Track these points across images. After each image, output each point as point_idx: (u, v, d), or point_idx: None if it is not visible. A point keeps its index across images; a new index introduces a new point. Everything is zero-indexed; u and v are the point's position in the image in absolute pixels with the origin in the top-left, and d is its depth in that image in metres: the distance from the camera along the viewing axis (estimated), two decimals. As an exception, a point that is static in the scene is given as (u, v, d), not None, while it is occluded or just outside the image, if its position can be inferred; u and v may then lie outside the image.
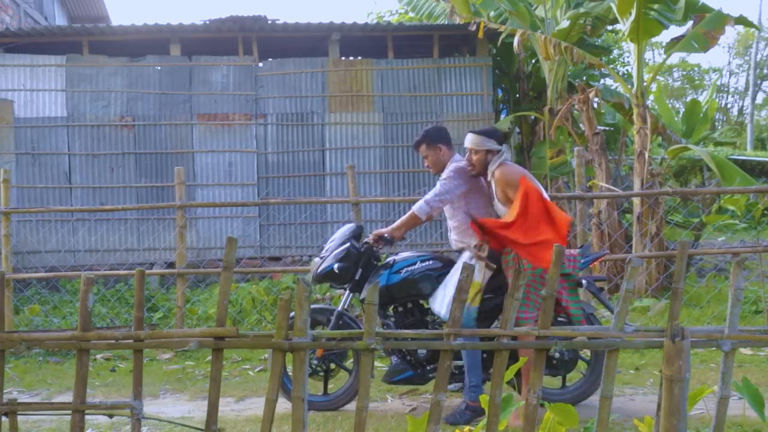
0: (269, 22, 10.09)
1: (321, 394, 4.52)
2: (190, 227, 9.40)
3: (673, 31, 19.31)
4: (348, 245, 4.35)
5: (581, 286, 4.18)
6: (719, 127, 29.03)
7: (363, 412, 2.52)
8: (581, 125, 9.14)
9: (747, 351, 5.70)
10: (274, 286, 7.60)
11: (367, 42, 10.95)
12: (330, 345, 2.85)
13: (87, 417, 2.71)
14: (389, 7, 40.65)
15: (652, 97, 14.75)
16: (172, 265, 8.75)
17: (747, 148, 24.78)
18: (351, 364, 4.57)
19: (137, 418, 2.61)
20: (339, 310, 4.38)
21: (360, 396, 2.53)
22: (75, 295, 8.23)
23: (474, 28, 9.11)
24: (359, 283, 4.37)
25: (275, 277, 8.63)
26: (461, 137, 9.65)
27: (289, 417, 2.63)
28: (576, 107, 9.04)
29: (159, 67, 10.03)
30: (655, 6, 7.80)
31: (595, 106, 10.29)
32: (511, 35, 8.85)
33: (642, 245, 7.82)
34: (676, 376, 2.32)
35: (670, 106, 18.10)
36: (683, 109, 15.46)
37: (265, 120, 10.12)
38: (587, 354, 4.34)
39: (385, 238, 4.31)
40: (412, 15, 13.62)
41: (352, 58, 11.45)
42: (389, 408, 4.52)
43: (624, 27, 8.23)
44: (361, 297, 4.27)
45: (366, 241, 4.37)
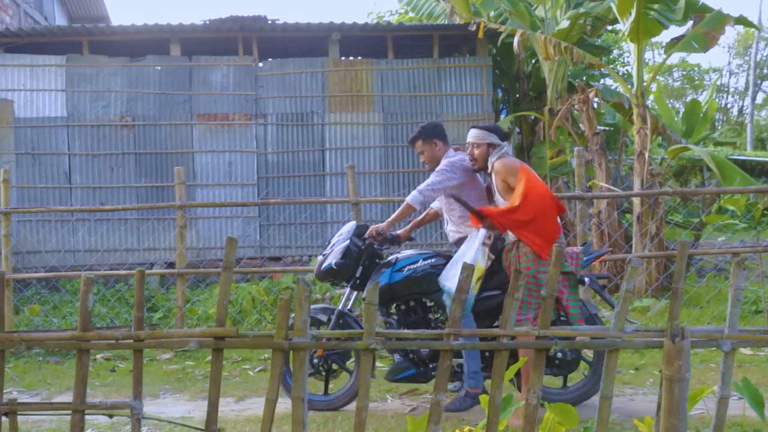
0: (269, 22, 10.09)
1: (322, 393, 4.51)
2: (190, 227, 9.40)
3: (673, 31, 19.30)
4: (348, 242, 4.35)
5: (583, 284, 4.18)
6: (719, 127, 29.02)
7: (363, 412, 2.52)
8: (581, 125, 9.14)
9: (747, 351, 5.70)
10: (274, 286, 7.60)
11: (367, 42, 10.95)
12: (330, 345, 2.85)
13: (87, 417, 2.71)
14: (389, 7, 40.70)
15: (652, 97, 14.75)
16: (172, 265, 8.75)
17: (747, 148, 24.77)
18: (353, 364, 4.54)
19: (137, 418, 2.61)
20: (340, 309, 4.37)
21: (360, 396, 2.53)
22: (75, 295, 8.23)
23: (474, 28, 9.11)
24: (361, 282, 4.37)
25: (275, 277, 8.63)
26: (461, 137, 9.72)
27: (289, 417, 2.63)
28: (576, 107, 9.04)
29: (159, 67, 10.04)
30: (655, 6, 7.81)
31: (595, 106, 10.29)
32: (511, 35, 8.85)
33: (642, 245, 7.82)
34: (676, 376, 2.32)
35: (670, 106, 18.10)
36: (683, 109, 15.45)
37: (265, 120, 10.13)
38: (589, 355, 4.34)
39: (388, 237, 4.31)
40: (412, 15, 13.62)
41: (352, 58, 11.45)
42: (389, 408, 4.52)
43: (624, 27, 8.23)
44: (363, 296, 4.27)
45: (364, 238, 4.37)
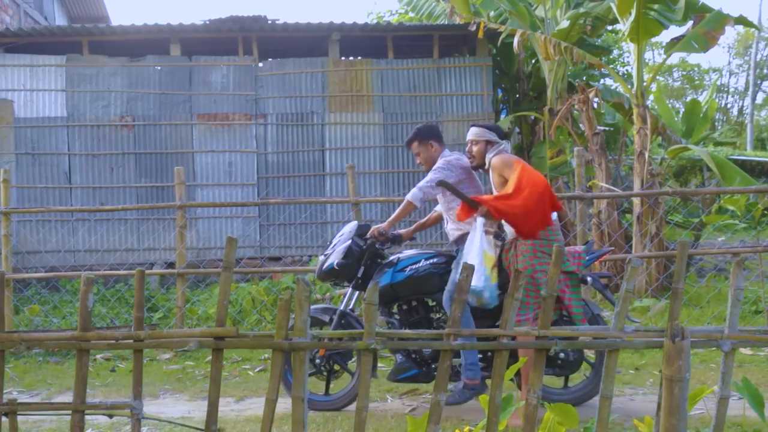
0: (269, 22, 10.09)
1: (322, 393, 4.50)
2: (190, 227, 9.40)
3: (673, 31, 19.28)
4: (350, 242, 4.35)
5: (586, 283, 4.17)
6: (719, 127, 29.01)
7: (363, 412, 2.52)
8: (581, 125, 9.14)
9: (747, 351, 5.69)
10: (274, 286, 7.60)
11: (367, 42, 10.95)
12: (330, 345, 2.85)
13: (87, 417, 2.71)
14: (389, 7, 40.69)
15: (652, 97, 14.75)
16: (172, 265, 8.75)
17: (747, 148, 24.76)
18: (354, 365, 4.51)
19: (137, 418, 2.61)
20: (342, 309, 4.36)
21: (360, 396, 2.53)
22: (75, 295, 8.23)
23: (474, 28, 9.11)
24: (363, 282, 4.35)
25: (275, 277, 8.63)
26: (462, 137, 9.73)
27: (289, 417, 2.63)
28: (576, 107, 9.04)
29: (159, 67, 10.03)
30: (655, 6, 7.81)
31: (595, 106, 10.29)
32: (511, 35, 8.85)
33: (642, 245, 7.82)
34: (676, 376, 2.32)
35: (670, 106, 18.09)
36: (683, 109, 15.44)
37: (265, 120, 10.12)
38: (591, 356, 4.33)
39: (390, 236, 4.30)
40: (412, 15, 13.61)
41: (352, 58, 11.44)
42: (389, 408, 4.52)
43: (624, 27, 8.23)
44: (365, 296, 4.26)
45: (366, 238, 4.37)
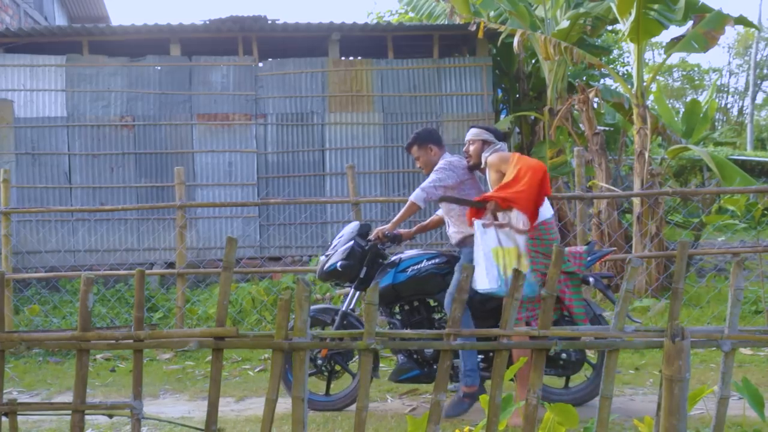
0: (269, 22, 10.09)
1: (323, 393, 4.50)
2: (190, 227, 9.40)
3: (673, 31, 19.29)
4: (352, 243, 4.34)
5: (588, 283, 4.16)
6: (719, 127, 29.02)
7: (363, 412, 2.52)
8: (581, 125, 9.14)
9: (747, 351, 5.69)
10: (274, 286, 7.60)
11: (367, 42, 10.95)
12: (330, 345, 2.85)
13: (87, 417, 2.71)
14: (389, 7, 40.68)
15: (652, 97, 14.75)
16: (172, 265, 8.75)
17: (747, 148, 24.77)
18: (356, 365, 4.50)
19: (137, 418, 2.61)
20: (344, 309, 4.35)
21: (360, 396, 2.53)
22: (75, 295, 8.23)
23: (474, 28, 9.11)
24: (365, 282, 4.34)
25: (275, 277, 8.63)
26: (461, 138, 9.72)
27: (289, 417, 2.63)
28: (576, 107, 9.04)
29: (159, 67, 10.03)
30: (655, 6, 7.80)
31: (595, 106, 10.29)
32: (511, 35, 8.85)
33: (642, 245, 7.81)
34: (676, 376, 2.32)
35: (670, 106, 18.09)
36: (683, 109, 15.45)
37: (265, 120, 10.12)
38: (593, 357, 4.32)
39: (389, 235, 4.30)
40: (412, 15, 13.62)
41: (352, 58, 11.45)
42: (389, 408, 4.51)
43: (624, 27, 8.23)
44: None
45: (369, 239, 4.36)
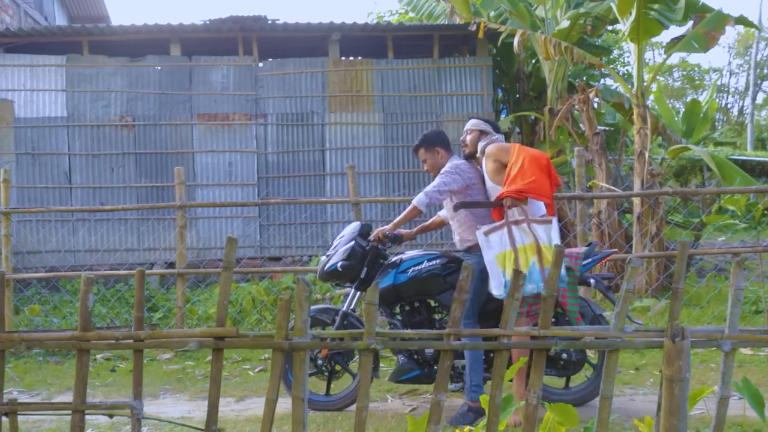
0: (269, 22, 10.09)
1: (323, 393, 4.50)
2: (190, 227, 9.40)
3: (673, 31, 19.25)
4: (353, 243, 4.34)
5: (588, 284, 4.15)
6: (719, 127, 29.01)
7: (363, 412, 2.52)
8: (581, 125, 9.14)
9: (747, 351, 5.69)
10: (274, 286, 7.61)
11: (367, 42, 10.95)
12: (330, 345, 2.85)
13: (87, 417, 2.71)
14: (389, 7, 40.67)
15: (652, 97, 14.74)
16: (172, 265, 8.75)
17: (747, 148, 24.77)
18: (356, 365, 4.49)
19: (137, 418, 2.61)
20: (344, 309, 4.35)
21: (360, 396, 2.53)
22: (75, 295, 8.23)
23: (474, 28, 9.11)
24: (366, 282, 4.33)
25: (275, 277, 8.63)
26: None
27: (289, 417, 2.63)
28: (576, 107, 9.04)
29: (159, 67, 10.03)
30: (655, 6, 7.81)
31: (595, 106, 10.29)
32: (511, 35, 8.85)
33: (642, 245, 7.81)
34: (676, 376, 2.32)
35: (670, 106, 18.07)
36: (683, 109, 15.45)
37: (265, 120, 10.13)
38: (593, 357, 4.32)
39: (389, 236, 4.30)
40: (412, 15, 13.62)
41: (352, 58, 11.44)
42: (389, 408, 4.51)
43: (624, 27, 8.23)
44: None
45: (369, 240, 4.36)
